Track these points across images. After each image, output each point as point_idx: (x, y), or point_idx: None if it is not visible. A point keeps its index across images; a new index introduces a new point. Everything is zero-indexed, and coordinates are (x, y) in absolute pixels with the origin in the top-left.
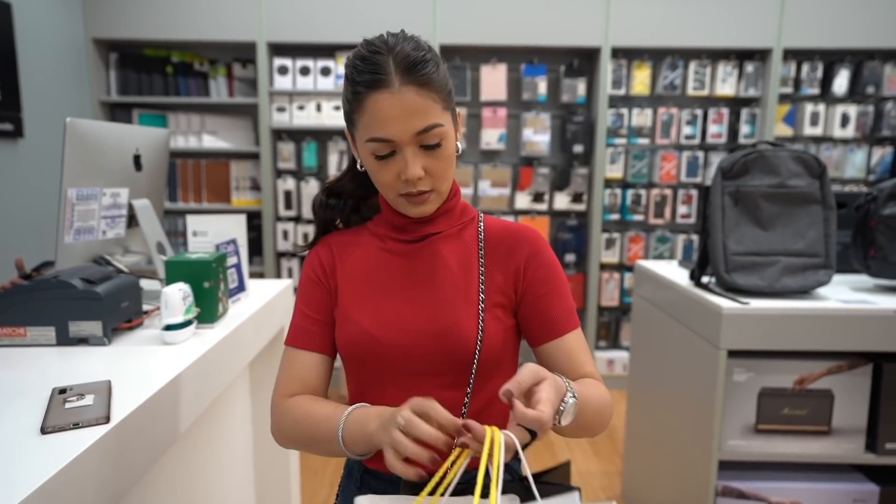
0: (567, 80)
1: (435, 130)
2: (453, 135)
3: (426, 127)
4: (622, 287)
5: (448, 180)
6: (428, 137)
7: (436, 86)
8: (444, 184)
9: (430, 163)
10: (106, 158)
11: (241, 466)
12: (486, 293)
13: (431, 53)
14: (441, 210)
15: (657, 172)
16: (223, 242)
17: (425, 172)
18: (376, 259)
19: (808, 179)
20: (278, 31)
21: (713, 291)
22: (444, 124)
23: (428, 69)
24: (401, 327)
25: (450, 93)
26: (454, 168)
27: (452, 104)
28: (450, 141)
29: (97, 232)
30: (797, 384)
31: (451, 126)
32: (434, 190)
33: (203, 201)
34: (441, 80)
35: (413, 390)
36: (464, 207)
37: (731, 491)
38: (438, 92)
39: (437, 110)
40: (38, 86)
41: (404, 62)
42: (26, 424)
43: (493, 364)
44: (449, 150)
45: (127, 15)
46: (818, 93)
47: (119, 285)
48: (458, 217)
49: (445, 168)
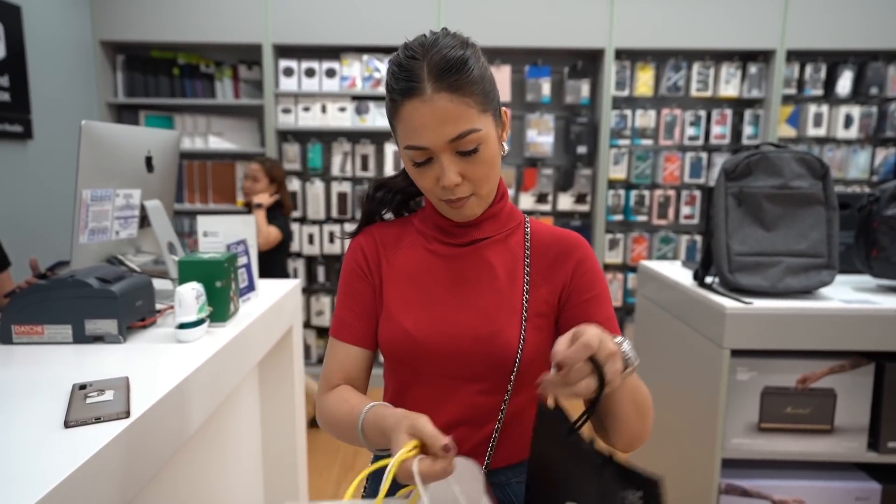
0: (571, 81)
1: (470, 137)
2: (495, 137)
3: (460, 134)
4: (626, 287)
5: (489, 183)
6: (463, 144)
7: (471, 89)
8: (485, 187)
9: (467, 168)
10: (119, 160)
11: (250, 462)
12: (529, 302)
13: (471, 52)
14: (487, 214)
15: (660, 173)
16: (233, 242)
17: (463, 178)
18: (422, 260)
19: (811, 181)
20: (284, 33)
21: (717, 291)
22: (480, 129)
23: (462, 73)
24: (443, 331)
25: (488, 94)
26: (497, 171)
27: (493, 105)
28: (489, 145)
29: (110, 232)
30: (800, 383)
31: (490, 128)
32: (474, 194)
33: (209, 202)
34: (478, 83)
35: (450, 394)
36: (511, 211)
37: (734, 489)
38: (474, 95)
39: (473, 115)
40: (47, 88)
41: (437, 67)
42: (49, 419)
43: (531, 372)
44: (488, 154)
45: (134, 17)
46: (821, 94)
47: (133, 284)
48: (505, 221)
49: (485, 173)
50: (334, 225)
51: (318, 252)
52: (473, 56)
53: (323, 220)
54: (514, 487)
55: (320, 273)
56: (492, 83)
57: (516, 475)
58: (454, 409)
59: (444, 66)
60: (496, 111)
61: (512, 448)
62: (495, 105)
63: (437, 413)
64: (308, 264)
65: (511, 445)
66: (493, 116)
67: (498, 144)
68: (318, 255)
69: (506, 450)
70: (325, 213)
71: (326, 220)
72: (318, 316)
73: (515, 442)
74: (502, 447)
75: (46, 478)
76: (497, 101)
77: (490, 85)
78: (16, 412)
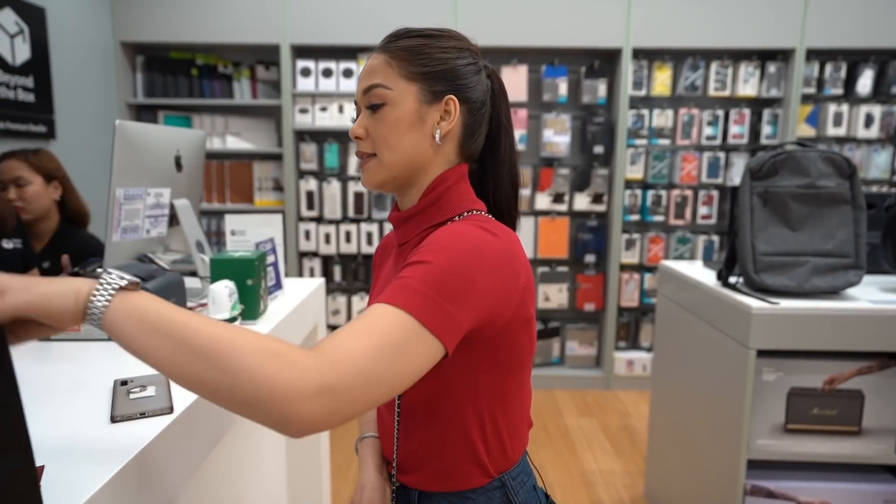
0: (588, 81)
1: (375, 91)
2: (410, 108)
3: (370, 85)
4: (642, 288)
5: (391, 150)
6: (371, 97)
7: (401, 55)
8: (386, 153)
9: (371, 124)
10: (150, 159)
11: (274, 460)
12: None
13: (435, 39)
14: (410, 212)
15: (678, 173)
16: (262, 241)
17: (367, 134)
18: (388, 266)
19: (838, 180)
20: (301, 34)
21: (741, 291)
22: (391, 89)
23: (400, 39)
24: None
25: (423, 69)
26: (404, 142)
27: (425, 82)
28: (398, 108)
29: (142, 231)
30: (827, 384)
31: (407, 97)
32: (377, 156)
33: (226, 202)
34: (414, 53)
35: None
36: (442, 209)
37: (759, 490)
38: (401, 60)
39: (390, 75)
40: (69, 89)
41: (393, 35)
42: (94, 414)
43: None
44: (392, 116)
45: (154, 18)
46: (841, 93)
47: (166, 282)
48: (426, 221)
49: (384, 134)
50: (350, 225)
51: (335, 252)
52: (434, 40)
53: (339, 219)
54: None
55: (336, 273)
56: (443, 66)
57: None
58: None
59: (398, 33)
60: (431, 91)
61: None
62: (430, 85)
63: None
64: (324, 264)
65: (422, 464)
66: (421, 91)
67: (415, 119)
68: (335, 255)
69: (417, 469)
70: (342, 213)
71: (343, 219)
72: (335, 315)
73: (425, 462)
74: (411, 464)
75: (99, 472)
76: (437, 84)
77: (434, 64)
78: (62, 407)
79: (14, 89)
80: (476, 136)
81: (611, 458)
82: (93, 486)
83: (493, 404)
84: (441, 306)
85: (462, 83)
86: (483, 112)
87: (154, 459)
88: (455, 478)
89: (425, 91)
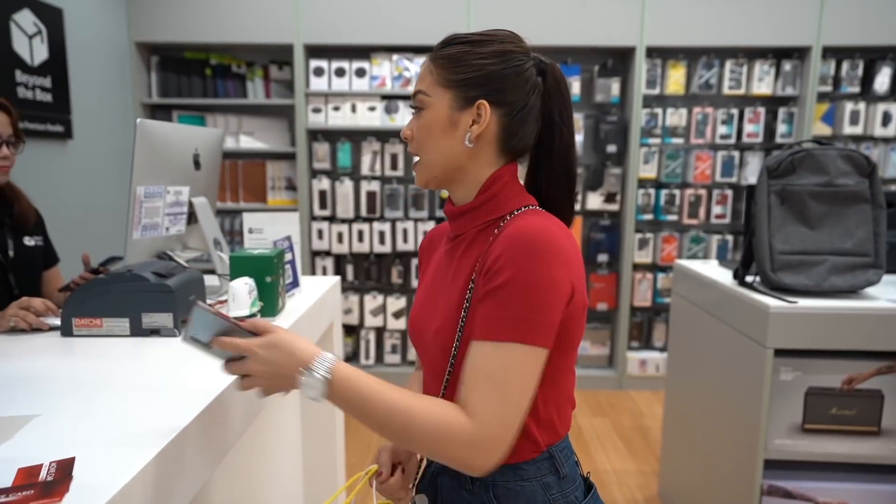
0: (601, 79)
1: (418, 97)
2: (443, 113)
3: (415, 91)
4: (655, 287)
5: (427, 153)
6: (415, 101)
7: (442, 62)
8: (425, 154)
9: (415, 126)
10: (170, 158)
11: (290, 458)
12: (471, 299)
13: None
14: (464, 208)
15: (691, 172)
16: (280, 239)
17: (412, 135)
18: (438, 256)
19: (858, 178)
20: (315, 34)
21: (758, 290)
22: (429, 95)
23: (445, 48)
24: (414, 326)
25: (459, 76)
26: (440, 146)
27: (460, 90)
28: (432, 113)
29: (161, 228)
30: (846, 384)
31: (442, 103)
32: (419, 157)
33: (240, 201)
34: (453, 61)
35: (430, 383)
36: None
37: (776, 490)
38: (441, 69)
39: (430, 81)
40: (86, 89)
41: (442, 42)
42: (130, 410)
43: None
44: (426, 119)
45: (168, 19)
46: (858, 91)
47: (187, 279)
48: (483, 216)
49: (422, 136)
50: (363, 224)
51: (347, 251)
52: (474, 47)
53: (352, 218)
54: (500, 491)
55: (349, 272)
56: (479, 73)
57: (504, 479)
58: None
59: (446, 41)
60: (464, 97)
61: None
62: (464, 91)
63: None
64: (337, 263)
65: None
66: (454, 97)
67: (447, 124)
68: (347, 254)
69: None
70: (354, 212)
71: (355, 218)
72: (347, 314)
73: None
74: None
75: (137, 455)
76: (471, 91)
77: (469, 71)
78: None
79: (32, 89)
80: (519, 135)
81: (624, 458)
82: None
83: (546, 384)
84: (536, 321)
85: (496, 87)
86: (525, 112)
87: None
88: (511, 452)
89: (458, 97)
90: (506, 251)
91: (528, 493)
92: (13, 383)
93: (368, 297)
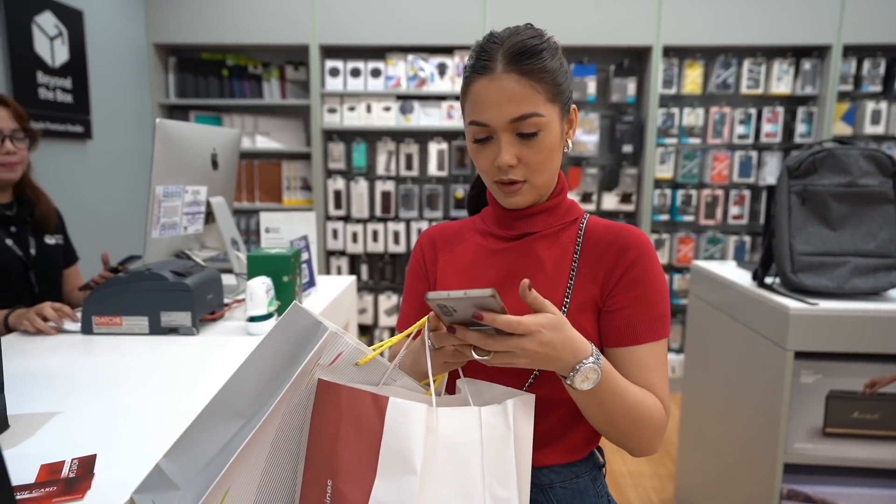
0: (617, 79)
1: (531, 119)
2: (558, 129)
3: (522, 115)
4: (672, 289)
5: (545, 174)
6: (524, 126)
7: (541, 76)
8: (540, 177)
9: (524, 152)
10: (188, 157)
11: None
12: (571, 298)
13: (548, 44)
14: (543, 207)
15: (708, 172)
16: (297, 238)
17: (519, 161)
18: (475, 255)
19: (881, 178)
20: (330, 34)
21: (778, 292)
22: (543, 115)
23: (534, 59)
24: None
25: (559, 86)
26: (555, 163)
27: (562, 98)
28: (550, 133)
29: (179, 227)
30: (868, 387)
31: (555, 119)
32: (528, 181)
33: (255, 201)
34: (549, 72)
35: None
36: (569, 207)
37: (796, 494)
38: (543, 82)
39: (539, 100)
40: (105, 89)
41: (512, 49)
42: (150, 408)
43: None
44: (547, 142)
45: (186, 20)
46: (880, 90)
47: (205, 278)
48: (561, 216)
49: (542, 160)
50: (378, 224)
51: (362, 251)
52: (550, 48)
53: (367, 218)
54: (558, 492)
55: (363, 271)
56: (566, 77)
57: (561, 479)
58: None
59: (519, 49)
60: (565, 105)
61: (554, 445)
62: (565, 99)
63: None
64: (351, 262)
65: (552, 441)
66: (561, 109)
67: (560, 138)
68: (362, 254)
69: (546, 446)
70: (369, 212)
71: (370, 218)
72: (362, 314)
73: (556, 438)
74: (542, 442)
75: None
76: (568, 97)
77: (563, 78)
78: (109, 393)
79: (53, 90)
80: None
81: (639, 460)
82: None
83: None
84: (669, 317)
85: (571, 87)
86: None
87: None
88: (575, 450)
89: (562, 108)
90: (640, 257)
91: (582, 488)
92: (35, 381)
93: (383, 297)
